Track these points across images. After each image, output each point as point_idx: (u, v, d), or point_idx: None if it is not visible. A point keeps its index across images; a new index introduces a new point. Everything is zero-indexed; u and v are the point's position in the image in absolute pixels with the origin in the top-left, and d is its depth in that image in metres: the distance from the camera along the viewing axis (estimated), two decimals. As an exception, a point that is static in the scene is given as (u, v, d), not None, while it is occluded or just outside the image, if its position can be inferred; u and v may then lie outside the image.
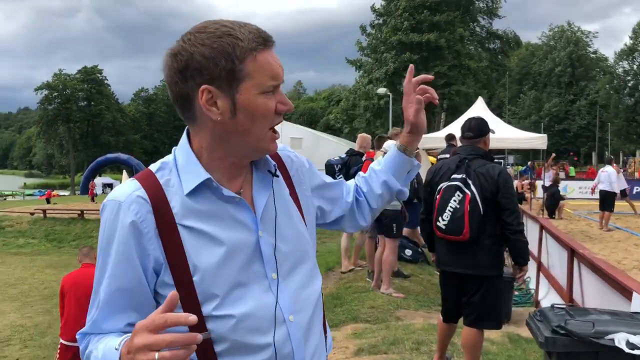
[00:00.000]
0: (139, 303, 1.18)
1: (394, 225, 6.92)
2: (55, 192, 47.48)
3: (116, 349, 1.06)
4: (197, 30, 1.19)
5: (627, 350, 2.26)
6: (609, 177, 13.90)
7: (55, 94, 70.24)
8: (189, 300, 1.14)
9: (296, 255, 1.31)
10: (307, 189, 1.45)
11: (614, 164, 14.73)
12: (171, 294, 1.00)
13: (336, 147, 19.84)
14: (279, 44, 1.27)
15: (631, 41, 66.61)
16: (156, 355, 0.95)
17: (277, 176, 1.32)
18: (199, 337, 0.97)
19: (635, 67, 66.59)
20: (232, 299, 1.17)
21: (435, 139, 12.71)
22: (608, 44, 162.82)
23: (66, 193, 57.13)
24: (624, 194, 15.54)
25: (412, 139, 1.52)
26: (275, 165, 1.33)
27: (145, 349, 0.96)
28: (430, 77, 1.49)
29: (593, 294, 4.39)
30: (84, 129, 74.24)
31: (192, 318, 0.97)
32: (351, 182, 1.63)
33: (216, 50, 1.15)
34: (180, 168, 1.23)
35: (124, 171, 42.01)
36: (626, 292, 3.27)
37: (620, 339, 2.29)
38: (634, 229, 13.87)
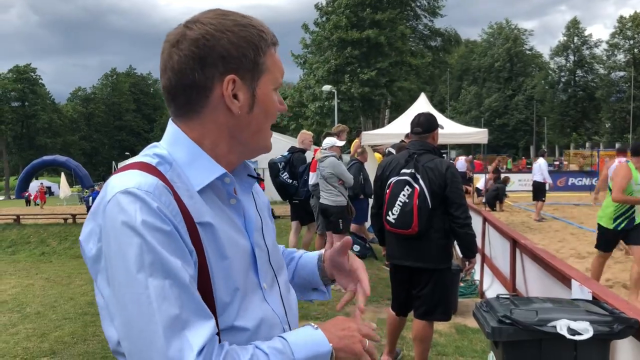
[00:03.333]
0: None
1: (341, 221, 6.98)
2: (-12, 197, 45.49)
3: (315, 328, 1.09)
4: (217, 16, 1.11)
5: (568, 336, 2.33)
6: (540, 168, 14.48)
7: (-15, 94, 67.09)
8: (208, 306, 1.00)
9: (278, 262, 1.27)
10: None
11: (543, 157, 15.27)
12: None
13: (282, 145, 19.72)
14: None
15: (565, 38, 69.55)
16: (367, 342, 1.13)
17: (262, 180, 1.29)
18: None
19: (568, 63, 69.56)
20: (242, 308, 1.07)
21: (380, 136, 12.84)
22: (545, 41, 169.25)
23: (0, 197, 54.69)
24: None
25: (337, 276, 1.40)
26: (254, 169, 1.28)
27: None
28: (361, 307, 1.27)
29: (535, 282, 4.53)
30: (18, 131, 71.31)
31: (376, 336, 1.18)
32: None
33: (245, 39, 1.10)
34: (184, 163, 1.10)
35: (62, 174, 40.58)
36: (566, 280, 3.38)
37: (561, 326, 2.36)
38: (570, 219, 14.47)
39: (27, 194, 40.28)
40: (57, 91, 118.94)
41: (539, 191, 14.47)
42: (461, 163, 22.38)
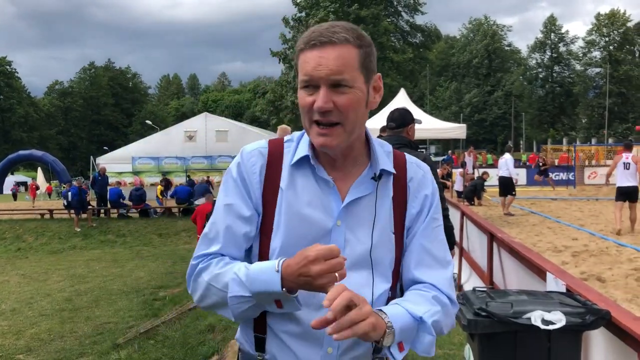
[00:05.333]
0: (246, 235, 1.34)
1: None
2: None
3: (277, 271, 1.19)
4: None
5: (542, 326, 2.38)
6: (506, 163, 14.65)
7: (-41, 87, 65.69)
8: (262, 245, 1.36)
9: (360, 258, 1.31)
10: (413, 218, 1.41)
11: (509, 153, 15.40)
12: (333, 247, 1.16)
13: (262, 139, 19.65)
14: (204, 33, 1.26)
15: (542, 35, 70.32)
16: (336, 274, 1.15)
17: (375, 180, 1.34)
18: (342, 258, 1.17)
19: (545, 59, 70.39)
20: None
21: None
22: (526, 37, 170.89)
23: (-25, 193, 53.62)
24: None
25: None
26: (381, 170, 1.35)
27: (324, 273, 1.14)
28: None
29: (512, 275, 4.59)
30: (-7, 125, 69.96)
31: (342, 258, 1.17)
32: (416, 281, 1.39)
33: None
34: (300, 142, 1.38)
35: (39, 169, 39.90)
36: (541, 273, 3.43)
37: (536, 317, 2.40)
38: (547, 213, 14.68)
39: (14, 187, 39.74)
40: (34, 84, 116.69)
41: (506, 186, 14.62)
42: (467, 159, 20.99)
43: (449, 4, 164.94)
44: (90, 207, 19.57)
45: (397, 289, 1.40)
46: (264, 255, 1.33)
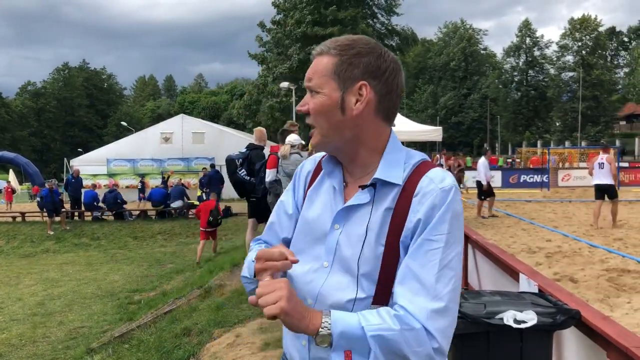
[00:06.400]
0: (287, 228, 1.48)
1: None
2: None
3: (252, 261, 1.33)
4: None
5: (514, 326, 2.41)
6: (480, 167, 14.87)
7: None
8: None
9: (347, 263, 1.30)
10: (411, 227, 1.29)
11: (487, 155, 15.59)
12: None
13: (240, 142, 19.62)
14: (181, 34, 1.25)
15: (517, 39, 71.36)
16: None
17: (366, 186, 1.33)
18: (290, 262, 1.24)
19: (520, 63, 71.43)
20: (298, 259, 1.31)
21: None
22: (502, 41, 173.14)
23: (-56, 196, 52.31)
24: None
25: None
26: (377, 180, 1.32)
27: (259, 271, 1.25)
28: None
29: (486, 277, 4.65)
30: (-36, 126, 68.44)
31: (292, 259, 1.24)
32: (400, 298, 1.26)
33: None
34: None
35: (11, 171, 39.11)
36: (514, 274, 3.48)
37: (508, 317, 2.44)
38: (522, 215, 14.89)
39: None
40: (7, 85, 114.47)
41: (481, 189, 14.80)
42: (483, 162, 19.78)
43: (428, 7, 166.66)
44: (63, 210, 19.26)
45: (387, 304, 1.28)
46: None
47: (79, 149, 54.36)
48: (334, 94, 1.31)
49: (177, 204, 20.03)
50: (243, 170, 7.59)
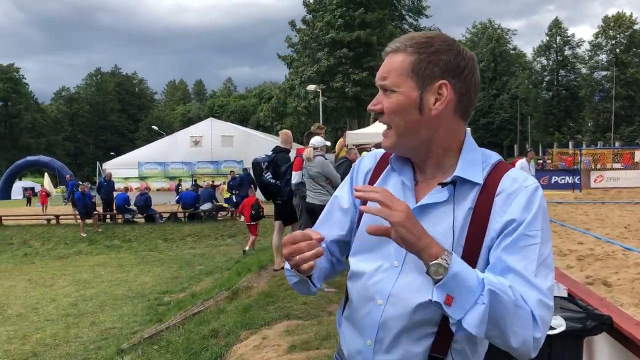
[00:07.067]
0: (339, 221, 1.48)
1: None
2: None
3: None
4: None
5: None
6: (520, 167, 14.66)
7: (-32, 94, 66.19)
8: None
9: (418, 262, 1.22)
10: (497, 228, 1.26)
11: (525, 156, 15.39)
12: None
13: (267, 145, 19.74)
14: (211, 39, 1.25)
15: (547, 38, 70.16)
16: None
17: (445, 184, 1.28)
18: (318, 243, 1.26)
19: (550, 62, 70.20)
20: (364, 257, 1.36)
21: (364, 135, 12.90)
22: (532, 41, 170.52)
23: (-17, 199, 53.89)
24: None
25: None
26: (458, 179, 1.28)
27: (286, 255, 1.26)
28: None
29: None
30: (1, 131, 70.49)
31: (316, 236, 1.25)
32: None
33: None
34: None
35: (46, 174, 40.09)
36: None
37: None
38: (553, 217, 14.62)
39: (27, 192, 39.92)
40: (42, 90, 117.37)
41: None
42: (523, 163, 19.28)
43: (456, 8, 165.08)
44: (95, 212, 19.65)
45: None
46: None
47: (111, 153, 55.35)
48: (412, 93, 1.27)
49: (206, 206, 20.22)
50: (268, 173, 7.61)
